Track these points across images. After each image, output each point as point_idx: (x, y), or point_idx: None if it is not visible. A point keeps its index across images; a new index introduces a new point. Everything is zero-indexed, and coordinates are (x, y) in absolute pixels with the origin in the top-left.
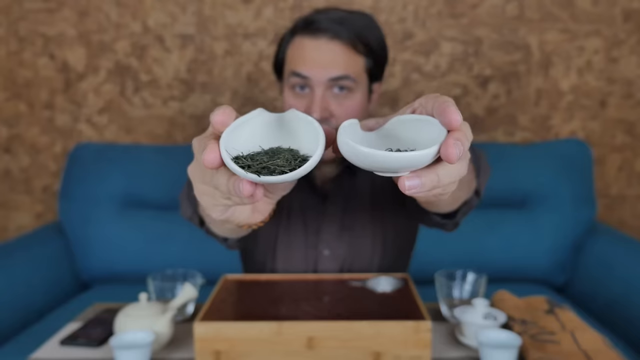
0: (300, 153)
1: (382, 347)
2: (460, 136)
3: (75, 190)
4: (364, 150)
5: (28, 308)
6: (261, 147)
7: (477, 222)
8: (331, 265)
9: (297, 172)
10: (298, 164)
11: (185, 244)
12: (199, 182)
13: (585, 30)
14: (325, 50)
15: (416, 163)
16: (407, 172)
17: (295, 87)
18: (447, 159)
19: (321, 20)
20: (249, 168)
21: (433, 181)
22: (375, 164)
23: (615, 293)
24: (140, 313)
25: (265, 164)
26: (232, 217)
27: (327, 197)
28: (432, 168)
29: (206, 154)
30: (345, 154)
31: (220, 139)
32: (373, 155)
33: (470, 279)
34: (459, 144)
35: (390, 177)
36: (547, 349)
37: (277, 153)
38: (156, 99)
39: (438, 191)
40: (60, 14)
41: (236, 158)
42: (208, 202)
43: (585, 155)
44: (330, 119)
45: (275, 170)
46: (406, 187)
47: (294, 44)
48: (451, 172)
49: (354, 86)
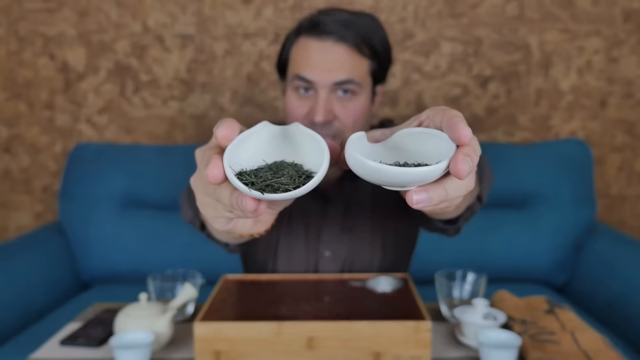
0: (304, 168)
1: (382, 347)
2: (470, 152)
3: (75, 190)
4: (372, 164)
5: (28, 308)
6: (265, 161)
7: (477, 222)
8: (332, 267)
9: (301, 190)
10: (302, 182)
11: (185, 244)
12: (202, 194)
13: (585, 30)
14: (330, 53)
15: (425, 178)
16: (415, 186)
17: (299, 89)
18: (457, 174)
19: (327, 22)
20: (252, 185)
21: (441, 195)
22: (383, 179)
23: (615, 293)
24: (140, 313)
25: (269, 181)
26: (234, 229)
27: (328, 200)
28: (440, 182)
29: (209, 169)
30: (353, 167)
31: (224, 153)
32: (381, 170)
33: (470, 279)
34: (468, 160)
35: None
36: (547, 349)
37: (280, 168)
38: (156, 99)
39: (445, 205)
40: (60, 14)
41: (240, 174)
42: (210, 213)
43: (585, 155)
44: (334, 121)
45: (279, 188)
46: (414, 201)
47: (299, 45)
48: (459, 187)
49: (358, 90)
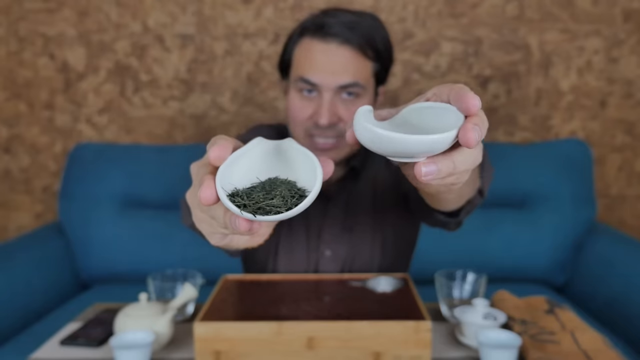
0: (298, 184)
1: (382, 347)
2: (479, 121)
3: (75, 190)
4: (383, 133)
5: (28, 308)
6: (259, 178)
7: (477, 222)
8: (332, 267)
9: (293, 212)
10: (294, 203)
11: (185, 244)
12: (197, 210)
13: (585, 30)
14: (335, 56)
15: (435, 147)
16: (424, 157)
17: (303, 90)
18: (466, 143)
19: (332, 24)
20: (244, 207)
21: (449, 167)
22: (392, 148)
23: (615, 293)
24: (140, 313)
25: (261, 204)
26: (231, 244)
27: (329, 199)
28: (448, 154)
29: (202, 191)
30: (362, 139)
31: (216, 173)
32: (392, 139)
33: (470, 279)
34: (477, 129)
35: (392, 179)
36: (547, 349)
37: (274, 187)
38: (156, 99)
39: (452, 179)
40: (60, 14)
41: (232, 195)
42: (206, 229)
43: (585, 155)
44: (338, 123)
45: (271, 211)
46: (422, 172)
47: (303, 46)
48: (467, 159)
49: (362, 92)
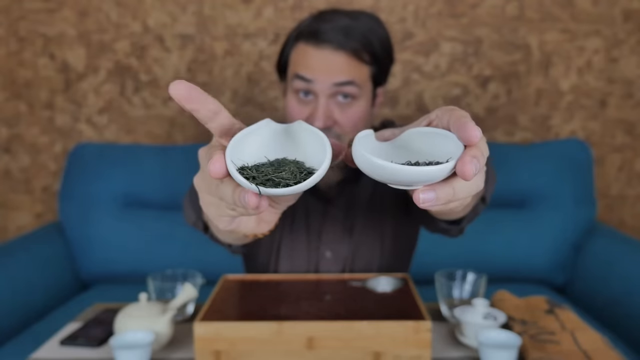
0: (306, 165)
1: (382, 347)
2: (477, 153)
3: (75, 190)
4: (379, 162)
5: (28, 308)
6: (267, 158)
7: (477, 222)
8: (333, 268)
9: (302, 186)
10: (303, 177)
11: (185, 244)
12: (205, 193)
13: (585, 30)
14: (329, 60)
15: (432, 177)
16: (422, 185)
17: (299, 93)
18: (463, 176)
19: (326, 30)
20: (253, 179)
21: (448, 195)
22: (390, 177)
23: (615, 293)
24: (140, 313)
25: (270, 176)
26: (238, 228)
27: (330, 202)
28: (448, 182)
29: (211, 164)
30: (360, 165)
31: (226, 149)
32: (388, 168)
33: (470, 279)
34: (475, 161)
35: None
36: (547, 349)
37: (282, 165)
38: (156, 99)
39: (454, 205)
40: (60, 14)
41: (241, 169)
42: (214, 212)
43: (586, 155)
44: (333, 126)
45: (280, 182)
46: (420, 200)
47: (298, 50)
48: (468, 187)
49: (358, 93)
